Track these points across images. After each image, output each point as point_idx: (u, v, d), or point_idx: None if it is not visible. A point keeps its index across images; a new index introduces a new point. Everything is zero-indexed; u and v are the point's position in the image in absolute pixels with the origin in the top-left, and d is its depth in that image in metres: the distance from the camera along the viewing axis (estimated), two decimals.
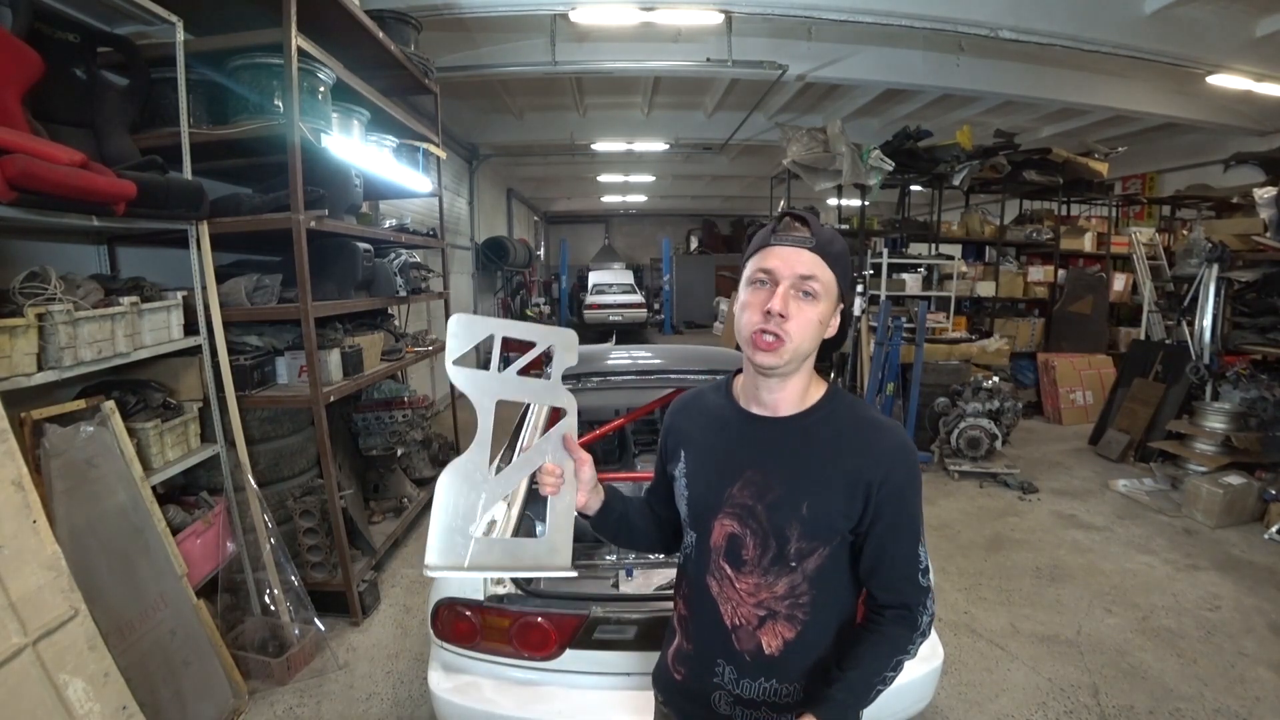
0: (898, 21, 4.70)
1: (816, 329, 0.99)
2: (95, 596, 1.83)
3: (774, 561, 1.02)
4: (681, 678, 1.15)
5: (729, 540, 1.05)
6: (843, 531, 1.01)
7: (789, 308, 0.97)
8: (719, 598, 1.07)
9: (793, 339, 0.97)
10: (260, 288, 2.79)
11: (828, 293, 0.99)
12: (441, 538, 1.03)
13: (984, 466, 5.10)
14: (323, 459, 2.90)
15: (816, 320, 0.99)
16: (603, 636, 1.73)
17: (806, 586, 1.03)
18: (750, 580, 1.04)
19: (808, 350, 1.00)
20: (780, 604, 1.03)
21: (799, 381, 1.04)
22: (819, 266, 0.98)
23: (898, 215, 7.55)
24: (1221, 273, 4.98)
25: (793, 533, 1.00)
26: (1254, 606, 3.19)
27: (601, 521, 1.16)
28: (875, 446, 1.00)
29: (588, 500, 1.12)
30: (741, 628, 1.06)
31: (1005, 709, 2.47)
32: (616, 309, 14.11)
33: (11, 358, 1.80)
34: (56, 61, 2.16)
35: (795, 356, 0.99)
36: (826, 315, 1.00)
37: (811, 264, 0.98)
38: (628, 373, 2.72)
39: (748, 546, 1.03)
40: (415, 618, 3.09)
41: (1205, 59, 5.35)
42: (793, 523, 1.00)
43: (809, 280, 0.97)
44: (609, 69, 5.76)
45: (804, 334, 0.98)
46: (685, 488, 1.12)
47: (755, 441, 1.06)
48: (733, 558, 1.05)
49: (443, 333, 4.83)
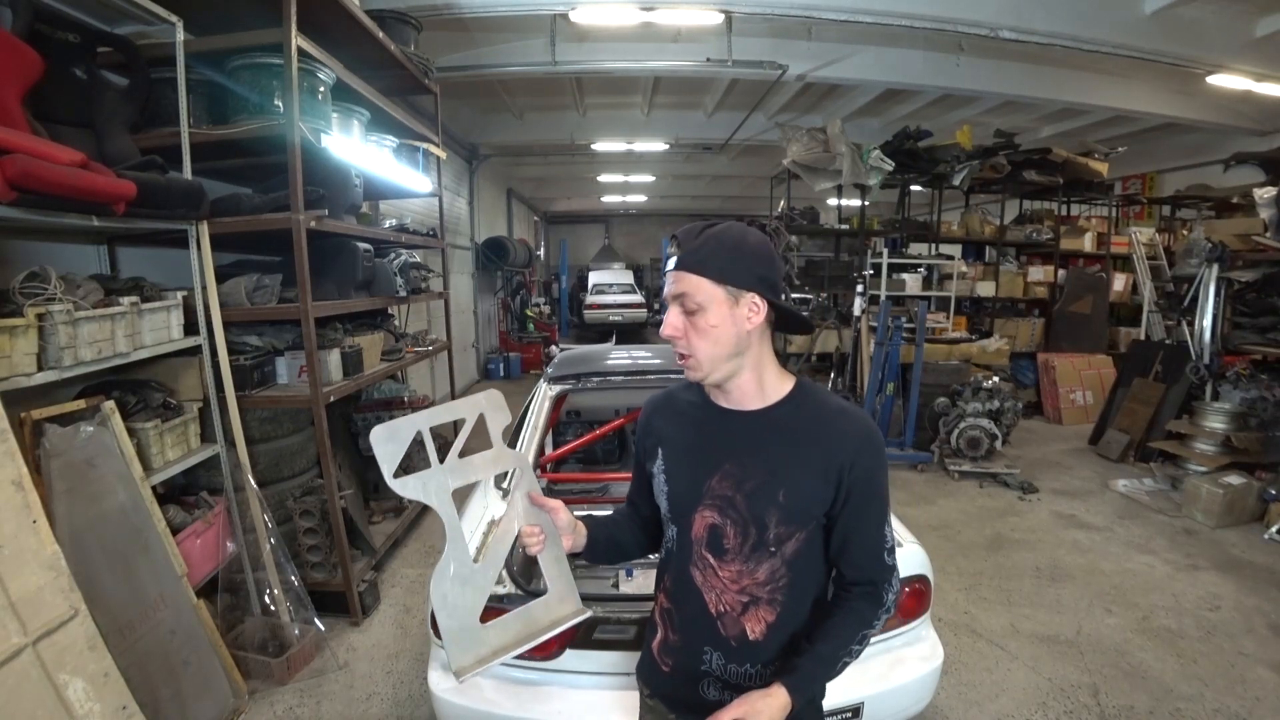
0: (898, 21, 4.70)
1: (715, 335, 1.02)
2: (95, 596, 1.83)
3: (755, 548, 1.06)
4: (669, 669, 1.17)
5: (710, 531, 1.09)
6: (818, 516, 1.06)
7: (680, 328, 1.03)
8: (703, 587, 1.11)
9: (697, 353, 1.03)
10: (260, 288, 2.79)
11: (710, 299, 1.01)
12: (457, 641, 1.04)
13: (984, 466, 5.10)
14: (323, 459, 2.90)
15: (710, 328, 1.01)
16: (603, 637, 1.74)
17: (785, 570, 1.07)
18: (733, 568, 1.08)
19: (724, 354, 1.03)
20: (762, 589, 1.07)
21: (748, 377, 1.08)
22: (687, 281, 1.01)
23: (898, 215, 7.56)
24: (1221, 273, 4.98)
25: (771, 519, 1.04)
26: (1254, 606, 3.19)
27: (591, 553, 1.23)
28: (843, 433, 1.05)
29: (573, 541, 1.18)
30: (726, 614, 1.09)
31: (1005, 709, 2.47)
32: (616, 309, 14.11)
33: (11, 358, 1.80)
34: (56, 61, 2.16)
35: (713, 364, 1.04)
36: (720, 320, 1.01)
37: (680, 282, 1.02)
38: (628, 373, 2.71)
39: (729, 535, 1.07)
40: (415, 618, 3.09)
41: (1205, 59, 5.34)
42: (771, 510, 1.04)
43: (682, 298, 1.02)
44: (609, 69, 5.76)
45: (704, 346, 1.03)
46: (665, 483, 1.15)
47: (730, 434, 1.09)
48: (715, 547, 1.09)
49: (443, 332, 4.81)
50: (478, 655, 1.05)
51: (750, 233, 1.06)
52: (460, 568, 1.06)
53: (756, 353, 1.06)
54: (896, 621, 1.90)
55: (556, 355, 3.23)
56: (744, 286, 1.02)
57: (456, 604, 1.05)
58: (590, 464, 3.66)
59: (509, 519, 1.12)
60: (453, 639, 1.04)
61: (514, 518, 1.12)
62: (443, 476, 1.06)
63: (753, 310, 1.03)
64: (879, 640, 1.89)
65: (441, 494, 1.06)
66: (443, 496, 1.06)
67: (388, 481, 1.02)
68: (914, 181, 7.02)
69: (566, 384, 2.67)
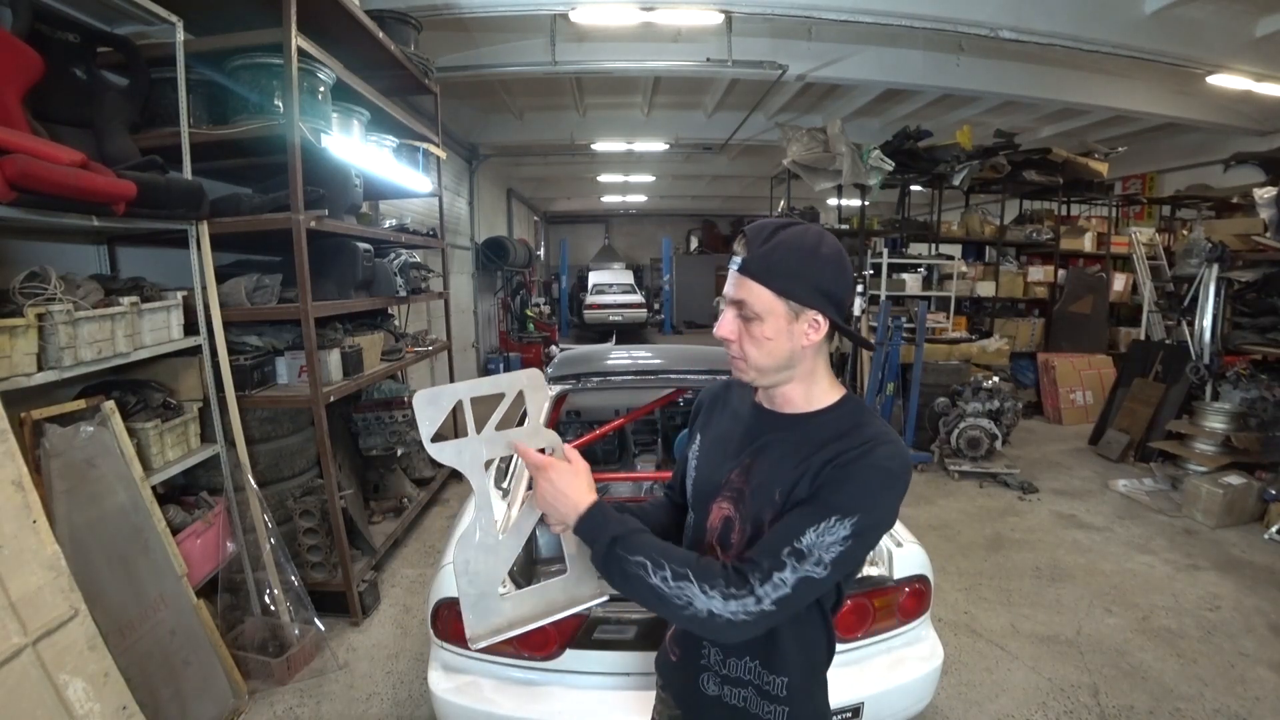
0: (898, 21, 4.69)
1: (770, 346, 0.98)
2: (95, 596, 1.83)
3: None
4: (676, 658, 1.18)
5: (724, 523, 1.07)
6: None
7: (735, 331, 1.00)
8: None
9: (749, 359, 1.00)
10: (260, 288, 2.79)
11: (768, 311, 0.96)
12: (476, 608, 1.06)
13: (984, 466, 5.10)
14: (323, 459, 2.90)
15: (764, 339, 0.97)
16: (603, 636, 1.74)
17: None
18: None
19: (775, 365, 1.00)
20: None
21: (797, 387, 1.04)
22: (747, 288, 0.97)
23: (898, 215, 7.55)
24: (1221, 273, 4.98)
25: (766, 517, 1.01)
26: (1254, 606, 3.19)
27: None
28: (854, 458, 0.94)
29: None
30: None
31: (1005, 709, 2.47)
32: (616, 309, 14.11)
33: (11, 358, 1.80)
34: (56, 61, 2.16)
35: (761, 372, 1.01)
36: (777, 331, 0.97)
37: (741, 287, 0.98)
38: (628, 373, 2.71)
39: (737, 530, 1.05)
40: (415, 618, 3.09)
41: (1205, 59, 5.34)
42: (767, 508, 1.01)
43: (741, 304, 0.98)
44: (609, 69, 5.76)
45: (758, 353, 0.99)
46: (694, 469, 1.16)
47: (758, 432, 1.08)
48: (724, 540, 1.07)
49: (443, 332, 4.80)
50: (494, 625, 1.06)
51: (825, 241, 0.98)
52: (486, 536, 1.07)
53: (810, 365, 1.02)
54: (896, 621, 1.90)
55: (556, 355, 3.23)
56: (807, 303, 0.96)
57: (479, 571, 1.06)
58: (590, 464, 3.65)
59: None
60: (471, 605, 1.05)
61: None
62: (478, 445, 1.07)
63: (812, 327, 0.98)
64: (879, 640, 1.88)
65: (475, 462, 1.08)
66: (476, 465, 1.08)
67: (425, 444, 1.04)
68: (914, 181, 7.01)
69: (566, 384, 2.67)
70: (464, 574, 1.06)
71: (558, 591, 1.12)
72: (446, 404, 1.06)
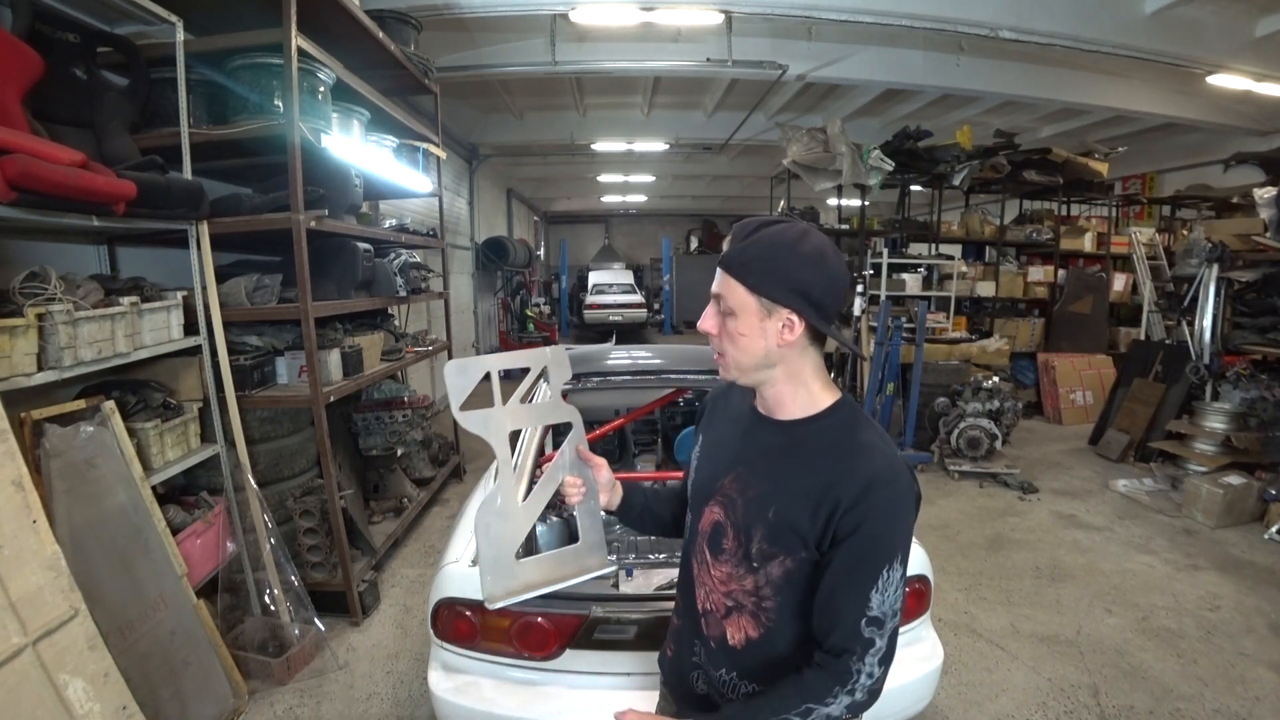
0: (898, 21, 4.70)
1: (744, 343, 0.98)
2: (95, 596, 1.82)
3: (743, 558, 1.03)
4: (672, 654, 1.20)
5: (714, 528, 1.08)
6: (800, 547, 0.96)
7: (716, 326, 1.01)
8: (696, 580, 1.12)
9: (728, 354, 1.01)
10: (260, 288, 2.79)
11: (741, 307, 0.96)
12: (492, 570, 1.11)
13: (984, 466, 5.10)
14: (323, 459, 2.90)
15: (739, 335, 0.97)
16: (603, 636, 1.73)
17: (770, 591, 1.00)
18: (724, 569, 1.06)
19: (751, 363, 0.99)
20: (747, 599, 1.03)
21: (786, 388, 1.02)
22: (725, 282, 0.98)
23: (898, 215, 7.55)
24: (1221, 273, 4.98)
25: (756, 534, 1.00)
26: (1254, 606, 3.19)
27: (625, 514, 1.30)
28: (852, 471, 0.93)
29: (610, 499, 1.26)
30: (710, 613, 1.09)
31: (1005, 709, 2.47)
32: (616, 309, 14.09)
33: (11, 358, 1.80)
34: (56, 61, 2.16)
35: (741, 370, 1.01)
36: (750, 329, 0.96)
37: (720, 282, 0.99)
38: (628, 373, 2.71)
39: (728, 536, 1.05)
40: (415, 618, 3.09)
41: (1205, 59, 5.34)
42: (758, 525, 0.99)
43: (719, 299, 0.99)
44: (609, 69, 5.76)
45: (734, 349, 0.99)
46: (694, 470, 1.18)
47: (753, 439, 1.07)
48: (714, 545, 1.08)
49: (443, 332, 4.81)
50: (508, 588, 1.12)
51: (808, 239, 0.95)
52: (506, 503, 1.13)
53: (794, 366, 1.00)
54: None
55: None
56: (780, 302, 0.94)
57: (498, 535, 1.12)
58: None
59: (556, 468, 1.19)
60: (489, 567, 1.10)
61: (560, 468, 1.19)
62: (502, 416, 1.14)
63: (787, 327, 0.95)
64: None
65: (500, 432, 1.14)
66: (500, 435, 1.14)
67: (454, 412, 1.09)
68: (914, 181, 7.01)
69: (566, 384, 2.66)
70: (484, 536, 1.11)
71: (569, 559, 1.19)
72: (475, 375, 1.11)
